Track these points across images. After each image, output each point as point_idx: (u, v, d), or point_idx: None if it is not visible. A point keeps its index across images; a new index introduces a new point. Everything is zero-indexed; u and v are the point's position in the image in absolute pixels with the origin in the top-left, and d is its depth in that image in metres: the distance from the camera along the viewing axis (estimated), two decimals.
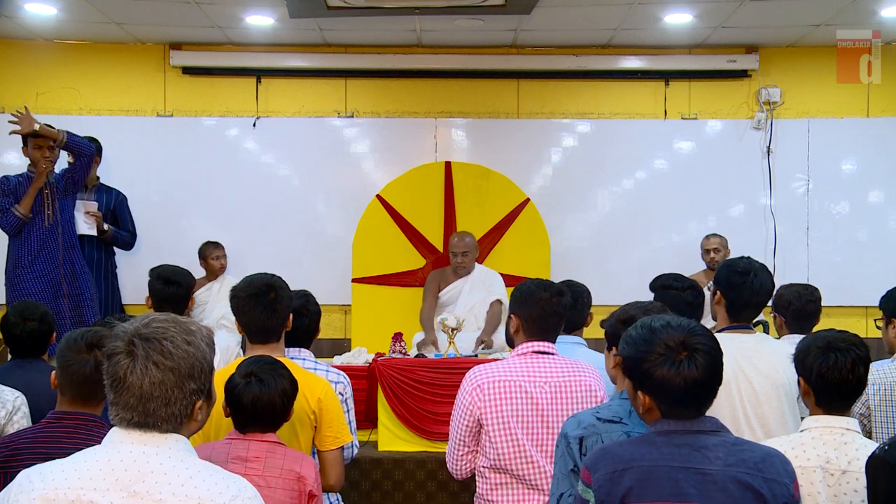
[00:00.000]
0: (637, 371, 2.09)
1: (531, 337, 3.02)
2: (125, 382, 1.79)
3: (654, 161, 7.15)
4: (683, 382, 2.02)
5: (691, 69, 7.12)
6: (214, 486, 1.78)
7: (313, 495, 2.64)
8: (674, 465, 2.00)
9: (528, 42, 6.99)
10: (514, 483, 2.94)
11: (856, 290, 6.73)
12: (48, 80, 6.95)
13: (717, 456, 2.01)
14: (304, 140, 7.08)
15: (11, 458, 2.44)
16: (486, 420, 2.92)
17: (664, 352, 2.04)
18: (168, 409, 1.81)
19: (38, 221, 5.45)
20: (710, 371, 2.06)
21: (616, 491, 2.00)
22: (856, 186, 7.08)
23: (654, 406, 2.09)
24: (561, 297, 3.02)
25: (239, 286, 3.06)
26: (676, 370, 2.02)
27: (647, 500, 1.98)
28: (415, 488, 5.21)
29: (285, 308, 3.04)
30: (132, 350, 1.80)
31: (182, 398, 1.82)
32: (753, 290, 3.16)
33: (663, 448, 2.03)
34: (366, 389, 5.39)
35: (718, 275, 3.26)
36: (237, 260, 6.71)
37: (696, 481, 1.98)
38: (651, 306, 2.62)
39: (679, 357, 2.03)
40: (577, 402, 2.94)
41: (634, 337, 2.12)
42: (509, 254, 6.56)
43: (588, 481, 2.07)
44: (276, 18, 6.32)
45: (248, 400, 2.61)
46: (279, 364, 2.74)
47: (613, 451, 2.10)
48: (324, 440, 2.97)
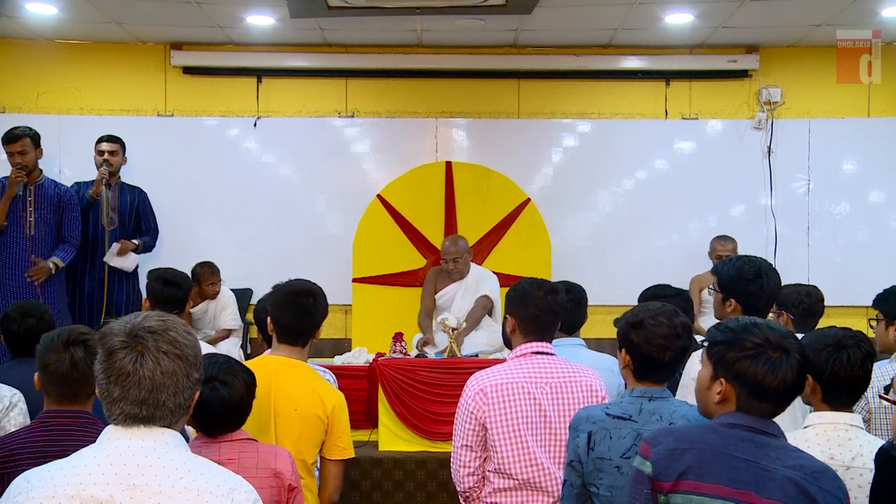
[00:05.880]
0: (725, 357, 2.09)
1: (528, 337, 3.01)
2: (134, 376, 1.79)
3: (654, 161, 7.15)
4: (776, 380, 2.04)
5: (692, 69, 7.11)
6: (212, 479, 1.80)
7: (293, 488, 2.63)
8: (736, 455, 2.02)
9: (529, 42, 6.99)
10: (518, 487, 2.92)
11: (856, 291, 6.71)
12: (49, 79, 6.95)
13: (776, 456, 2.03)
14: (305, 140, 7.08)
15: (9, 458, 2.45)
16: (491, 424, 2.90)
17: (762, 343, 2.06)
18: (175, 400, 1.83)
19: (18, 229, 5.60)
20: (801, 375, 2.08)
21: (675, 466, 2.02)
22: (857, 186, 7.08)
23: (731, 398, 2.09)
24: (555, 295, 3.01)
25: (281, 285, 3.17)
26: (772, 367, 2.04)
27: (705, 480, 2.00)
28: (415, 488, 5.21)
29: (319, 317, 3.13)
30: (140, 343, 1.81)
31: (188, 387, 1.86)
32: (770, 292, 3.17)
33: (727, 438, 2.05)
34: (366, 389, 5.39)
35: (726, 282, 3.19)
36: (238, 260, 6.71)
37: (755, 474, 1.99)
38: (661, 308, 2.59)
39: (775, 354, 2.05)
40: (578, 401, 2.93)
41: (731, 325, 2.13)
42: (510, 254, 6.56)
43: (646, 454, 2.07)
44: (276, 18, 6.32)
45: (217, 404, 2.59)
46: (232, 360, 2.75)
47: (678, 430, 2.14)
48: (332, 449, 3.03)
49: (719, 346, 2.11)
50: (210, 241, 6.86)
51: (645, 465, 2.06)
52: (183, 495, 1.76)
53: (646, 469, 2.06)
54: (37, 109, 6.91)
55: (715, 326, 2.18)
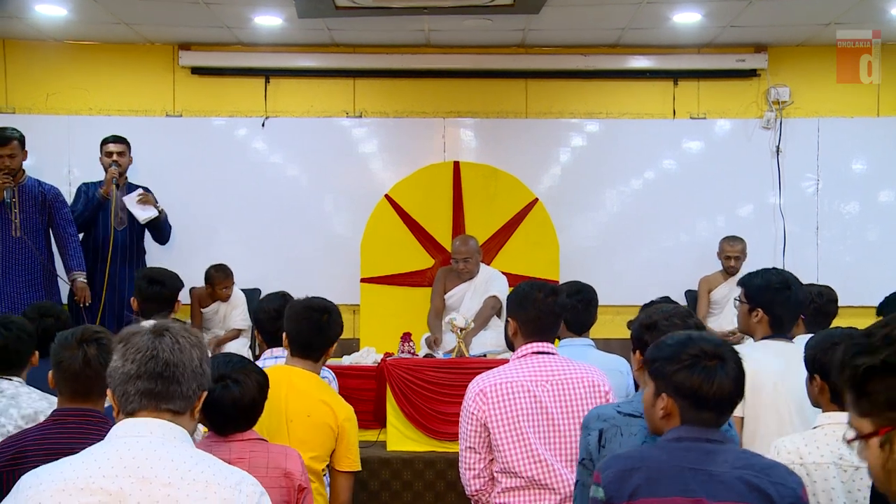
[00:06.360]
0: (664, 372, 2.12)
1: (529, 338, 3.04)
2: (152, 351, 1.88)
3: (662, 161, 7.13)
4: (713, 388, 2.07)
5: (700, 69, 7.09)
6: (220, 472, 1.85)
7: (302, 488, 2.64)
8: (683, 466, 2.05)
9: (537, 42, 6.98)
10: (525, 485, 2.93)
11: (866, 291, 6.67)
12: (58, 80, 6.97)
13: (724, 460, 2.06)
14: (313, 140, 7.09)
15: (20, 455, 2.47)
16: (492, 423, 2.92)
17: (698, 353, 2.09)
18: (187, 385, 1.90)
19: (5, 232, 5.58)
20: (739, 382, 2.11)
21: (625, 487, 2.05)
22: (866, 186, 7.05)
23: (675, 412, 2.13)
24: (556, 297, 3.05)
25: (298, 300, 3.29)
26: (708, 375, 2.07)
27: (656, 496, 2.03)
28: (424, 488, 5.21)
29: (333, 334, 3.22)
30: (159, 331, 1.91)
31: (199, 377, 1.93)
32: (797, 303, 3.25)
33: (674, 452, 2.08)
34: (374, 389, 5.39)
35: (754, 292, 3.27)
36: (246, 260, 6.72)
37: (704, 480, 2.03)
38: (675, 310, 2.65)
39: (710, 363, 2.08)
40: (581, 398, 2.94)
41: (668, 341, 2.17)
42: (518, 254, 6.55)
43: (598, 480, 2.12)
44: (284, 18, 6.33)
45: (229, 403, 2.60)
46: (246, 360, 2.78)
47: (626, 453, 2.18)
48: (342, 460, 3.08)
49: (658, 362, 2.15)
50: (218, 241, 6.89)
51: (598, 492, 2.11)
52: (192, 486, 1.80)
53: (599, 495, 2.10)
54: (46, 110, 6.93)
55: (654, 344, 2.22)
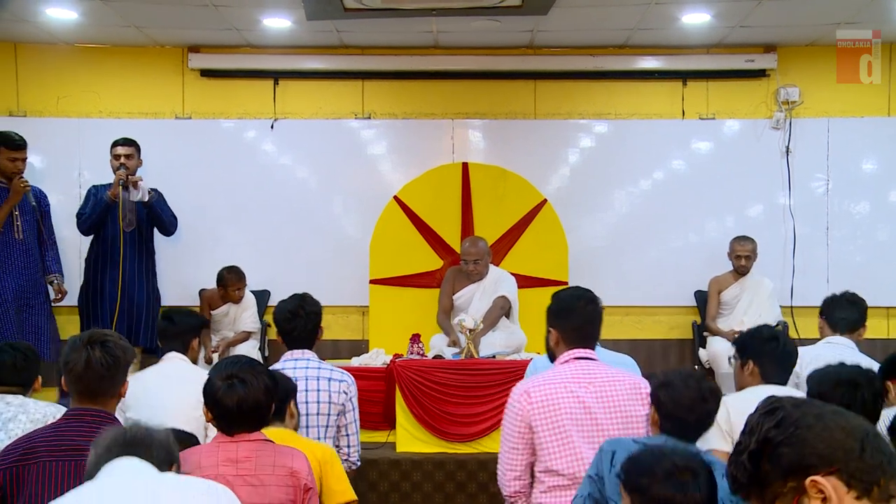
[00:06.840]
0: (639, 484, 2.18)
1: (572, 346, 3.10)
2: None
3: (671, 161, 7.12)
4: (686, 500, 2.13)
5: (709, 69, 7.07)
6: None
7: (308, 488, 2.64)
8: None
9: (545, 43, 6.98)
10: (569, 484, 2.95)
11: (876, 291, 6.64)
12: (69, 83, 7.00)
13: None
14: (322, 142, 7.10)
15: (30, 452, 2.51)
16: (537, 423, 2.96)
17: (671, 468, 2.16)
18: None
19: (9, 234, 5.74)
20: (711, 491, 2.18)
21: None
22: (876, 186, 7.02)
23: None
24: (596, 304, 3.15)
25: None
26: (682, 488, 2.14)
27: None
28: (433, 489, 5.22)
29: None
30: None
31: None
32: (786, 354, 3.35)
33: None
34: (384, 391, 5.40)
35: (742, 342, 3.43)
36: (255, 262, 6.73)
37: None
38: (691, 373, 2.75)
39: (683, 477, 2.16)
40: (623, 398, 2.99)
41: (642, 458, 2.24)
42: (527, 255, 6.55)
43: None
44: (293, 20, 6.35)
45: (234, 402, 2.62)
46: (255, 362, 2.79)
47: None
48: (333, 495, 3.01)
49: (632, 475, 2.22)
50: (227, 243, 6.90)
51: None
52: None
53: None
54: (57, 113, 6.97)
55: (627, 460, 2.28)
